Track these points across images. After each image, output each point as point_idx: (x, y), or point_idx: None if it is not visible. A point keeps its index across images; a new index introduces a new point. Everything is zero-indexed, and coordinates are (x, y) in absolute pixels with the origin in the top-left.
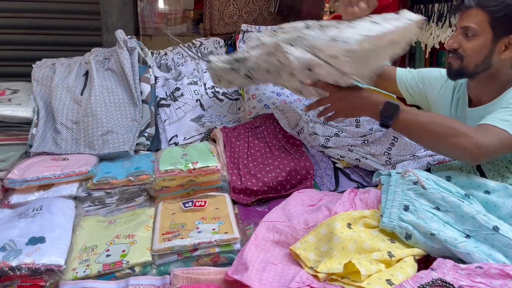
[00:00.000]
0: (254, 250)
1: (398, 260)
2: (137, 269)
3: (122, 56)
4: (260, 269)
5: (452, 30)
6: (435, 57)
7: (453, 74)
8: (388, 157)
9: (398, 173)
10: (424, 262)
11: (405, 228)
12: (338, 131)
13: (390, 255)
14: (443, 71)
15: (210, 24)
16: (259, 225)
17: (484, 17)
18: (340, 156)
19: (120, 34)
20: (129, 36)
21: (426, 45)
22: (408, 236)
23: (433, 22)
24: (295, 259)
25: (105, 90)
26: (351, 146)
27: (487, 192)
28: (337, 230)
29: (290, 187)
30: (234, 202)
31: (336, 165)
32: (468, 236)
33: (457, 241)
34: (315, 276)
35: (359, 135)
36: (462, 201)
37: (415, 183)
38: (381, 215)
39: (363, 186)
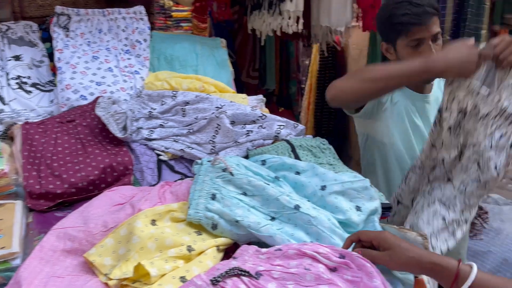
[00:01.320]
0: (37, 264)
1: (200, 254)
2: None
3: None
4: (40, 285)
5: (283, 18)
6: (284, 47)
7: (435, 78)
8: (213, 145)
9: (209, 161)
10: (234, 251)
11: (211, 218)
12: (163, 122)
13: (190, 249)
14: None
15: (20, 6)
16: (47, 234)
17: (437, 18)
18: (165, 147)
19: None
20: None
21: (261, 33)
22: (214, 226)
23: (264, 9)
24: (91, 268)
25: None
26: (177, 136)
27: (297, 173)
28: (137, 229)
29: (105, 186)
30: (31, 209)
31: (160, 157)
32: (273, 219)
33: (260, 225)
34: (107, 284)
35: (184, 124)
36: (268, 184)
37: (224, 170)
38: (189, 207)
39: (189, 178)
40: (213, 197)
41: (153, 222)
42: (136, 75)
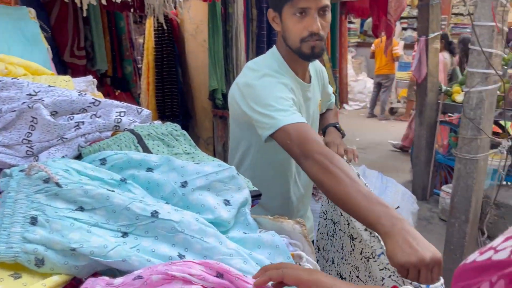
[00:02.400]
0: None
1: None
2: None
3: None
4: None
5: None
6: (113, 22)
7: (317, 56)
8: (29, 145)
9: (22, 170)
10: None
11: (33, 251)
12: None
13: None
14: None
15: None
16: None
17: None
18: None
19: None
20: None
21: (81, 1)
22: (40, 262)
23: None
24: None
25: None
26: None
27: (149, 169)
28: None
29: None
30: None
31: None
32: (125, 234)
33: (108, 248)
34: None
35: None
36: (113, 191)
37: (47, 180)
38: None
39: None
40: (34, 221)
41: None
42: None
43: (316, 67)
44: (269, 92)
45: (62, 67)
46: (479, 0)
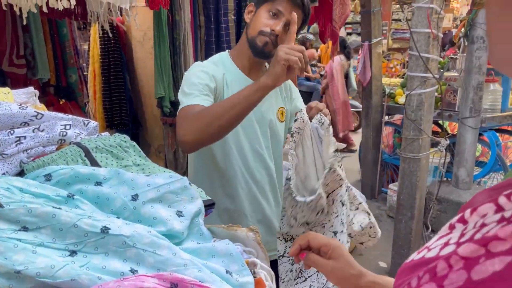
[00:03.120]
0: None
1: None
2: None
3: None
4: None
5: None
6: (55, 28)
7: (266, 55)
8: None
9: None
10: None
11: None
12: None
13: None
14: (205, 66)
15: None
16: None
17: (301, 20)
18: None
19: None
20: None
21: (20, 9)
22: None
23: None
24: None
25: None
26: None
27: (98, 183)
28: None
29: None
30: None
31: None
32: (73, 253)
33: (56, 268)
34: None
35: None
36: (59, 208)
37: None
38: None
39: None
40: None
41: None
42: None
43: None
44: (187, 79)
45: (1, 77)
46: (415, 8)
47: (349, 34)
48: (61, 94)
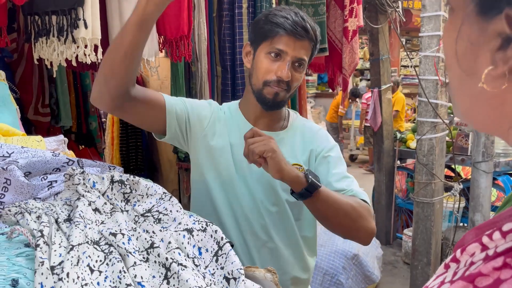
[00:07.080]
0: None
1: None
2: None
3: None
4: None
5: (77, 46)
6: (79, 79)
7: (277, 105)
8: (2, 207)
9: (2, 233)
10: None
11: None
12: None
13: None
14: (212, 103)
15: None
16: None
17: (310, 48)
18: None
19: None
20: None
21: (51, 63)
22: None
23: (53, 36)
24: None
25: None
26: None
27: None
28: None
29: None
30: None
31: None
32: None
33: None
34: None
35: None
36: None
37: (28, 244)
38: None
39: None
40: (15, 283)
41: None
42: None
43: (307, 137)
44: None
45: (25, 124)
46: (422, 57)
47: (356, 76)
48: (81, 141)
